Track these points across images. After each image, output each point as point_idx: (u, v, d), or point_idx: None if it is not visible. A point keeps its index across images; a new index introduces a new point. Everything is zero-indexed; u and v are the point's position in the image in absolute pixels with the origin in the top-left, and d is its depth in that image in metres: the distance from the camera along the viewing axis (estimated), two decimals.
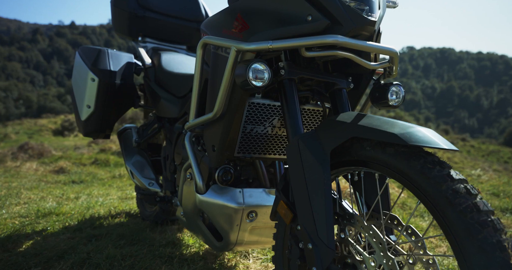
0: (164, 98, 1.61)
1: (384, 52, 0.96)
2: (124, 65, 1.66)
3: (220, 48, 1.09)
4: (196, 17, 1.97)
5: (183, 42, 2.00)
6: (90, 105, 1.61)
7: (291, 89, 1.01)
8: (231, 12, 1.09)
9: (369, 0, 0.92)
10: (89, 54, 1.64)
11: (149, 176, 1.67)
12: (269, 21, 0.98)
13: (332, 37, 0.89)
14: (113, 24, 1.94)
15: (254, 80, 0.95)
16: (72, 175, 3.93)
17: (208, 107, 1.16)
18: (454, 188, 0.67)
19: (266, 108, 1.14)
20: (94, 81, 1.59)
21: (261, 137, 1.19)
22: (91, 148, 7.88)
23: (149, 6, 1.86)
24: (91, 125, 1.65)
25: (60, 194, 2.77)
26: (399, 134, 0.75)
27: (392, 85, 1.06)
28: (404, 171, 0.75)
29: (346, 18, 0.89)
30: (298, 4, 0.93)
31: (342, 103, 1.07)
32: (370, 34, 0.94)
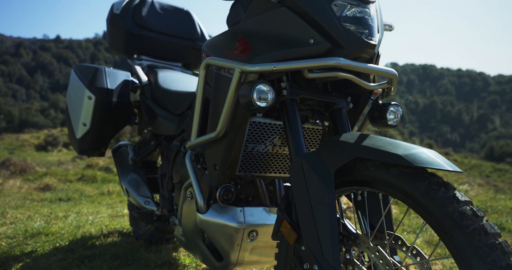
0: (161, 116, 1.61)
1: (384, 74, 0.99)
2: (121, 83, 1.66)
3: (222, 68, 1.11)
4: (191, 35, 1.99)
5: (178, 60, 2.02)
6: (86, 123, 1.60)
7: (293, 109, 1.03)
8: (233, 34, 1.11)
9: (368, 24, 0.96)
10: (85, 72, 1.64)
11: (145, 194, 1.66)
12: (271, 43, 1.00)
13: (334, 59, 0.92)
14: (109, 42, 1.94)
15: (258, 100, 0.96)
16: (59, 192, 3.84)
17: (210, 126, 1.16)
18: (461, 210, 0.69)
19: (267, 127, 1.15)
20: (90, 99, 1.58)
21: (262, 156, 1.20)
22: (76, 163, 7.72)
23: (146, 25, 1.88)
24: (86, 143, 1.63)
25: (48, 212, 2.69)
26: (404, 155, 0.76)
27: (390, 105, 1.09)
28: (409, 191, 0.76)
29: (347, 41, 0.92)
30: (300, 27, 0.96)
31: (342, 122, 1.09)
32: (370, 56, 0.97)
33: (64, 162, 7.81)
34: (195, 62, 2.06)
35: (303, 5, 0.95)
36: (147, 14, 1.88)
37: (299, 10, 0.96)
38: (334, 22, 0.93)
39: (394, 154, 0.78)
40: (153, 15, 1.90)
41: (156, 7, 1.93)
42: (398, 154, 0.77)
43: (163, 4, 1.97)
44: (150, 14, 1.89)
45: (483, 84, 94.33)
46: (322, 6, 0.94)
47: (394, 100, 1.16)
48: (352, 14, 0.95)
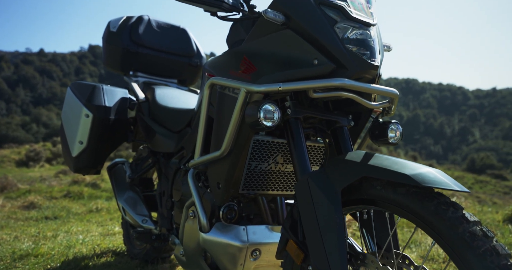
0: (159, 133, 1.60)
1: (386, 93, 1.02)
2: (118, 100, 1.66)
3: (227, 88, 1.12)
4: (187, 52, 2.01)
5: (173, 76, 2.03)
6: (83, 141, 1.58)
7: (297, 128, 1.05)
8: (237, 54, 1.13)
9: (370, 45, 0.99)
10: (82, 90, 1.63)
11: (142, 212, 1.63)
12: (276, 63, 1.02)
13: (339, 80, 0.94)
14: (105, 59, 1.94)
15: (265, 120, 0.98)
16: (44, 210, 3.73)
17: (213, 145, 1.17)
18: (471, 230, 0.70)
19: (270, 145, 1.16)
20: (88, 117, 1.57)
21: (265, 174, 1.20)
22: (59, 179, 7.52)
23: (142, 42, 1.89)
24: (82, 162, 1.61)
25: (35, 232, 2.61)
26: (411, 175, 0.78)
27: (391, 123, 1.12)
28: (418, 211, 0.77)
29: (350, 63, 0.95)
30: (305, 48, 0.98)
31: (344, 140, 1.11)
32: (372, 77, 1.00)
33: (47, 177, 7.61)
34: (190, 79, 2.08)
35: (308, 27, 0.98)
36: (144, 32, 1.90)
37: (303, 32, 0.99)
38: (338, 44, 0.96)
39: (401, 173, 0.79)
40: (150, 33, 1.92)
41: (152, 25, 1.95)
42: (405, 174, 0.78)
43: (160, 22, 1.99)
44: (147, 31, 1.91)
45: (463, 98, 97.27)
46: (326, 28, 0.97)
47: (393, 117, 1.19)
48: (354, 36, 0.99)
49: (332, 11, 0.98)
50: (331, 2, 0.99)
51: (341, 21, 0.98)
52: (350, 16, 0.98)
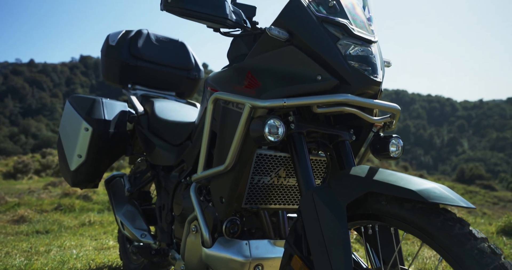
0: (159, 146, 1.60)
1: (389, 109, 1.05)
2: (118, 114, 1.66)
3: (231, 103, 1.13)
4: (186, 65, 2.03)
5: (172, 89, 2.04)
6: (82, 155, 1.57)
7: (300, 143, 1.06)
8: (240, 70, 1.14)
9: (372, 62, 1.02)
10: (82, 103, 1.63)
11: (140, 226, 1.61)
12: (279, 79, 1.04)
13: (343, 96, 0.96)
14: (103, 73, 1.95)
15: (270, 135, 0.99)
16: (35, 224, 3.65)
17: (216, 159, 1.17)
18: (479, 247, 0.71)
19: (273, 159, 1.17)
20: (87, 131, 1.56)
21: (267, 187, 1.21)
22: (48, 191, 7.38)
23: (141, 56, 1.90)
24: (81, 176, 1.60)
25: (27, 247, 2.55)
26: (417, 191, 0.78)
27: (392, 138, 1.13)
28: (424, 227, 0.78)
29: (353, 78, 0.97)
30: (308, 64, 1.00)
31: (347, 154, 1.12)
32: (374, 92, 1.02)
33: (35, 190, 7.47)
34: (188, 91, 2.09)
35: (311, 44, 1.00)
36: (143, 46, 1.91)
37: (306, 48, 1.01)
38: (341, 60, 0.98)
39: (407, 189, 0.80)
40: (148, 47, 1.93)
41: (151, 38, 1.96)
42: (411, 189, 0.79)
43: (159, 35, 2.01)
44: (146, 45, 1.92)
45: (451, 109, 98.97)
46: (329, 45, 0.99)
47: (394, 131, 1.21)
48: (356, 52, 1.01)
49: (335, 29, 1.01)
50: (334, 19, 1.01)
51: (343, 38, 1.00)
52: (352, 33, 1.01)
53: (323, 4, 1.04)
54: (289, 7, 1.05)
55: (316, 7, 1.04)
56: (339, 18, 1.02)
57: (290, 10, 1.05)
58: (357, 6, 1.09)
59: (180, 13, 1.09)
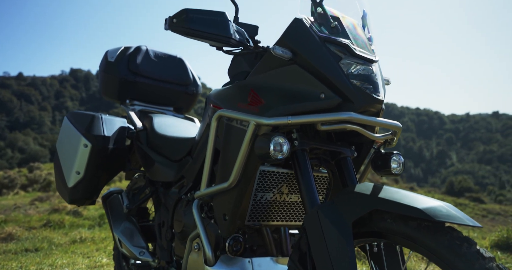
0: (158, 162, 1.59)
1: (391, 126, 1.07)
2: (117, 130, 1.66)
3: (234, 120, 1.14)
4: (184, 81, 2.04)
5: (170, 104, 2.05)
6: (80, 171, 1.56)
7: (304, 159, 1.07)
8: (244, 88, 1.16)
9: (373, 80, 1.04)
10: (81, 120, 1.62)
11: (139, 244, 1.59)
12: (283, 97, 1.06)
13: (346, 114, 0.98)
14: (102, 88, 1.95)
15: (275, 152, 1.00)
16: (24, 241, 3.55)
17: (220, 176, 1.17)
18: (488, 267, 0.72)
19: (275, 175, 1.18)
20: (86, 147, 1.55)
21: (270, 204, 1.21)
22: (35, 206, 7.21)
23: (140, 72, 1.91)
24: (78, 192, 1.58)
25: (17, 267, 2.48)
26: (424, 209, 0.79)
27: (393, 154, 1.15)
28: (431, 246, 0.78)
29: (356, 97, 1.00)
30: (311, 83, 1.02)
31: (349, 171, 1.13)
32: (377, 110, 1.05)
33: (21, 205, 7.30)
34: (186, 106, 2.10)
35: (314, 63, 1.02)
36: (141, 62, 1.92)
37: (309, 67, 1.03)
38: (344, 79, 1.00)
39: (413, 207, 0.80)
40: (147, 63, 1.95)
41: (150, 55, 1.98)
42: (418, 208, 0.80)
43: (157, 52, 2.02)
44: (144, 61, 1.93)
45: (439, 122, 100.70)
46: (331, 64, 1.02)
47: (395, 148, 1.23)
48: (357, 71, 1.04)
49: (337, 48, 1.04)
50: (336, 39, 1.04)
51: (345, 57, 1.03)
52: (354, 53, 1.04)
53: (325, 24, 1.07)
54: (292, 27, 1.08)
55: (318, 27, 1.07)
56: (341, 38, 1.05)
57: (293, 30, 1.07)
58: (358, 26, 1.12)
59: (185, 33, 1.10)
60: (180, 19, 1.10)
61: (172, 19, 1.11)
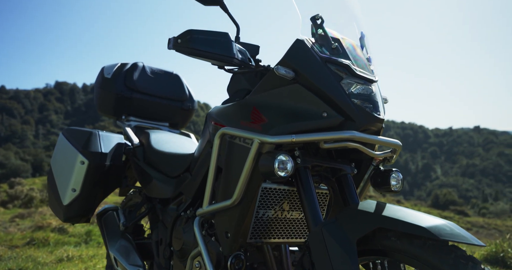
0: (155, 178, 1.58)
1: (391, 145, 1.10)
2: (114, 146, 1.65)
3: (237, 138, 1.15)
4: (180, 97, 2.06)
5: (165, 120, 2.06)
6: (76, 189, 1.54)
7: (306, 177, 1.08)
8: (246, 106, 1.17)
9: (374, 100, 1.08)
10: (78, 136, 1.61)
11: (135, 262, 1.56)
12: (286, 115, 1.08)
13: (349, 132, 1.00)
14: (98, 104, 1.94)
15: (279, 170, 1.01)
16: (7, 261, 3.40)
17: (222, 194, 1.17)
18: None
19: (277, 192, 1.18)
20: (83, 164, 1.54)
21: (271, 221, 1.21)
22: (16, 223, 6.98)
23: (137, 88, 1.92)
24: (74, 210, 1.55)
25: None
26: (428, 228, 0.81)
27: (392, 171, 1.18)
28: (436, 264, 0.79)
29: (358, 116, 1.02)
30: (314, 102, 1.05)
31: (349, 188, 1.15)
32: (377, 129, 1.08)
33: (1, 223, 7.06)
34: (182, 122, 2.11)
35: (316, 82, 1.05)
36: (138, 78, 1.93)
37: (311, 87, 1.06)
38: (345, 98, 1.03)
39: (418, 226, 0.82)
40: (144, 79, 1.96)
41: (147, 71, 1.99)
42: (422, 226, 0.81)
43: (154, 68, 2.04)
44: (141, 77, 1.94)
45: (424, 136, 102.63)
46: (333, 84, 1.04)
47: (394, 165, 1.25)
48: (357, 91, 1.07)
49: (338, 68, 1.07)
50: (337, 60, 1.08)
51: (346, 77, 1.06)
52: (355, 73, 1.07)
53: (326, 45, 1.11)
54: (294, 48, 1.11)
55: (320, 48, 1.10)
56: (342, 59, 1.08)
57: (295, 51, 1.10)
58: (357, 47, 1.16)
59: (189, 53, 1.12)
60: (185, 39, 1.12)
61: (177, 40, 1.13)
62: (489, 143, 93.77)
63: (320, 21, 1.13)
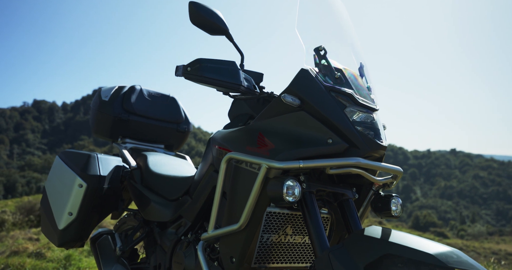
0: (154, 201, 1.57)
1: (393, 171, 1.14)
2: (112, 169, 1.64)
3: (244, 162, 1.17)
4: (176, 119, 2.08)
5: (161, 142, 2.07)
6: (73, 212, 1.51)
7: (312, 202, 1.11)
8: (251, 131, 1.20)
9: (376, 128, 1.13)
10: (76, 159, 1.60)
11: None
12: (292, 141, 1.11)
13: (354, 159, 1.05)
14: (94, 126, 1.94)
15: (287, 195, 1.03)
16: None
17: (227, 218, 1.18)
18: None
19: (281, 216, 1.20)
20: (81, 187, 1.51)
21: (275, 246, 1.22)
22: None
23: (134, 110, 1.93)
24: (69, 234, 1.52)
25: None
26: (435, 255, 0.83)
27: (392, 197, 1.22)
28: None
29: (362, 143, 1.07)
30: (319, 129, 1.09)
31: (352, 213, 1.18)
32: (380, 156, 1.12)
33: None
34: (177, 144, 2.13)
35: (321, 110, 1.10)
36: (136, 101, 1.95)
37: (316, 114, 1.11)
38: (350, 125, 1.08)
39: (426, 253, 0.84)
40: (141, 101, 1.97)
41: (144, 94, 2.01)
42: (430, 253, 0.83)
43: (151, 91, 2.06)
44: (138, 100, 1.96)
45: (403, 158, 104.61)
46: (337, 111, 1.09)
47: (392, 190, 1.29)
48: (360, 119, 1.12)
49: (341, 97, 1.12)
50: (340, 89, 1.13)
51: (349, 106, 1.11)
52: (358, 102, 1.12)
53: (329, 75, 1.16)
54: (299, 77, 1.16)
55: (323, 77, 1.16)
56: (345, 88, 1.14)
57: (300, 80, 1.15)
58: (358, 77, 1.22)
59: (199, 80, 1.16)
60: (195, 68, 1.16)
61: (186, 68, 1.17)
62: (465, 165, 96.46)
63: (323, 52, 1.19)
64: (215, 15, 1.23)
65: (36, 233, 6.98)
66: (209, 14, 1.22)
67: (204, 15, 1.22)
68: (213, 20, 1.23)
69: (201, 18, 1.22)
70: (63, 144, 72.30)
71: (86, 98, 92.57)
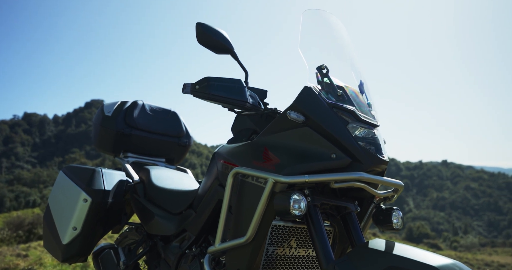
0: (157, 215, 1.59)
1: (395, 185, 1.18)
2: (116, 183, 1.66)
3: (250, 177, 1.20)
4: (177, 133, 2.11)
5: (162, 155, 2.10)
6: (77, 227, 1.52)
7: (316, 215, 1.14)
8: (257, 146, 1.24)
9: (378, 143, 1.18)
10: (80, 174, 1.61)
11: None
12: (297, 156, 1.15)
13: (358, 174, 1.09)
14: (97, 141, 1.97)
15: (294, 209, 1.06)
16: None
17: (233, 231, 1.20)
18: None
19: (285, 229, 1.23)
20: (86, 202, 1.53)
21: (280, 259, 1.24)
22: None
23: (136, 125, 1.97)
24: (73, 249, 1.52)
25: None
26: (439, 267, 0.87)
27: (393, 210, 1.25)
28: None
29: (365, 158, 1.11)
30: (323, 144, 1.13)
31: (354, 226, 1.21)
32: (382, 170, 1.17)
33: None
34: (178, 157, 2.16)
35: (325, 126, 1.14)
36: (138, 116, 1.98)
37: (320, 130, 1.15)
38: (352, 141, 1.12)
39: (429, 265, 0.88)
40: (143, 116, 2.01)
41: (146, 109, 2.05)
42: (434, 266, 0.87)
43: (152, 106, 2.10)
44: (140, 115, 2.00)
45: (396, 169, 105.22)
46: (340, 127, 1.14)
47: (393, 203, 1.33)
48: (362, 134, 1.16)
49: (344, 114, 1.17)
50: (342, 106, 1.18)
51: (352, 122, 1.16)
52: (360, 118, 1.17)
53: (331, 92, 1.22)
54: (303, 95, 1.21)
55: (326, 94, 1.21)
56: (347, 105, 1.19)
57: (304, 97, 1.20)
58: (359, 94, 1.27)
59: (206, 98, 1.20)
60: (203, 86, 1.20)
61: (195, 86, 1.21)
62: (456, 177, 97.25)
63: (326, 70, 1.24)
64: (221, 35, 1.28)
65: (25, 249, 6.84)
66: (215, 34, 1.27)
67: (210, 35, 1.26)
68: (219, 40, 1.27)
69: (208, 38, 1.26)
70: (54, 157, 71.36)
71: (78, 110, 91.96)
